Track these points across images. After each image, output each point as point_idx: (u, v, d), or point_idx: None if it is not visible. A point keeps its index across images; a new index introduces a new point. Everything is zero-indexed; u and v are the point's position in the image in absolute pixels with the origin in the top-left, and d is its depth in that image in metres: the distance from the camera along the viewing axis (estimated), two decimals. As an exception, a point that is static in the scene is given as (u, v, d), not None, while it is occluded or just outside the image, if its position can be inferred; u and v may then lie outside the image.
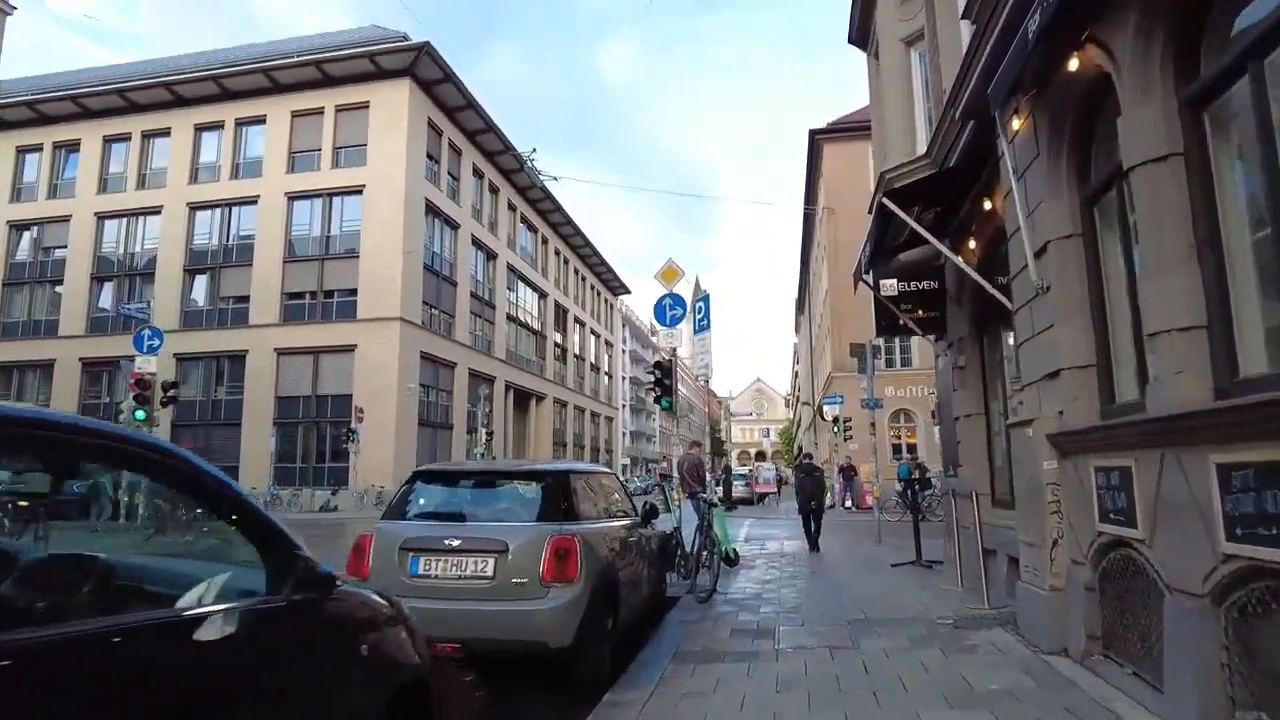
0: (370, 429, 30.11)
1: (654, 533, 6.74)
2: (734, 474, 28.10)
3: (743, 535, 16.16)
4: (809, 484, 13.63)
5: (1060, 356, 4.89)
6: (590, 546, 4.71)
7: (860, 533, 16.94)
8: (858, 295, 24.14)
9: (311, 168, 33.35)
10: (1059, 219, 4.99)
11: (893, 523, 19.88)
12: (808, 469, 14.37)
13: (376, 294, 31.25)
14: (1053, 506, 4.89)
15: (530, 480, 5.16)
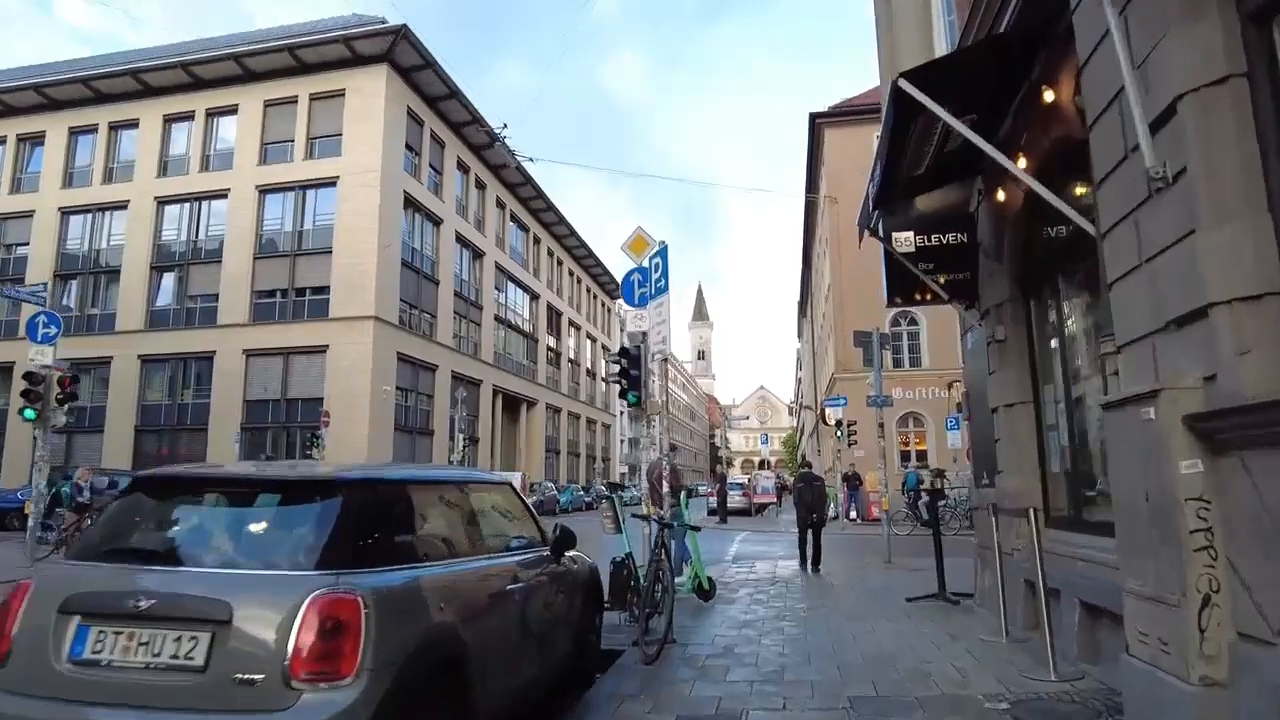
0: (341, 435, 28.14)
1: (571, 569, 4.71)
2: (729, 483, 25.99)
3: (731, 553, 14.13)
4: (809, 494, 11.78)
5: (1209, 281, 2.85)
6: (397, 612, 2.72)
7: (867, 550, 14.89)
8: (865, 273, 22.05)
9: (284, 159, 31.55)
10: (1199, 56, 2.98)
11: (903, 537, 17.88)
12: (807, 478, 12.51)
13: (350, 291, 29.35)
14: (1199, 540, 2.85)
15: (302, 494, 3.01)
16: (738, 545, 15.98)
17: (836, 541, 17.19)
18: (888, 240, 6.92)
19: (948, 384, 24.42)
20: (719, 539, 18.24)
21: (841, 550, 15.44)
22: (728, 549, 15.10)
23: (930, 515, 9.01)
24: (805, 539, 11.37)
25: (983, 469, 7.13)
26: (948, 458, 23.81)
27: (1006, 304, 6.21)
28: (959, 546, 16.45)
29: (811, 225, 35.34)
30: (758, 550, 14.97)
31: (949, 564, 8.40)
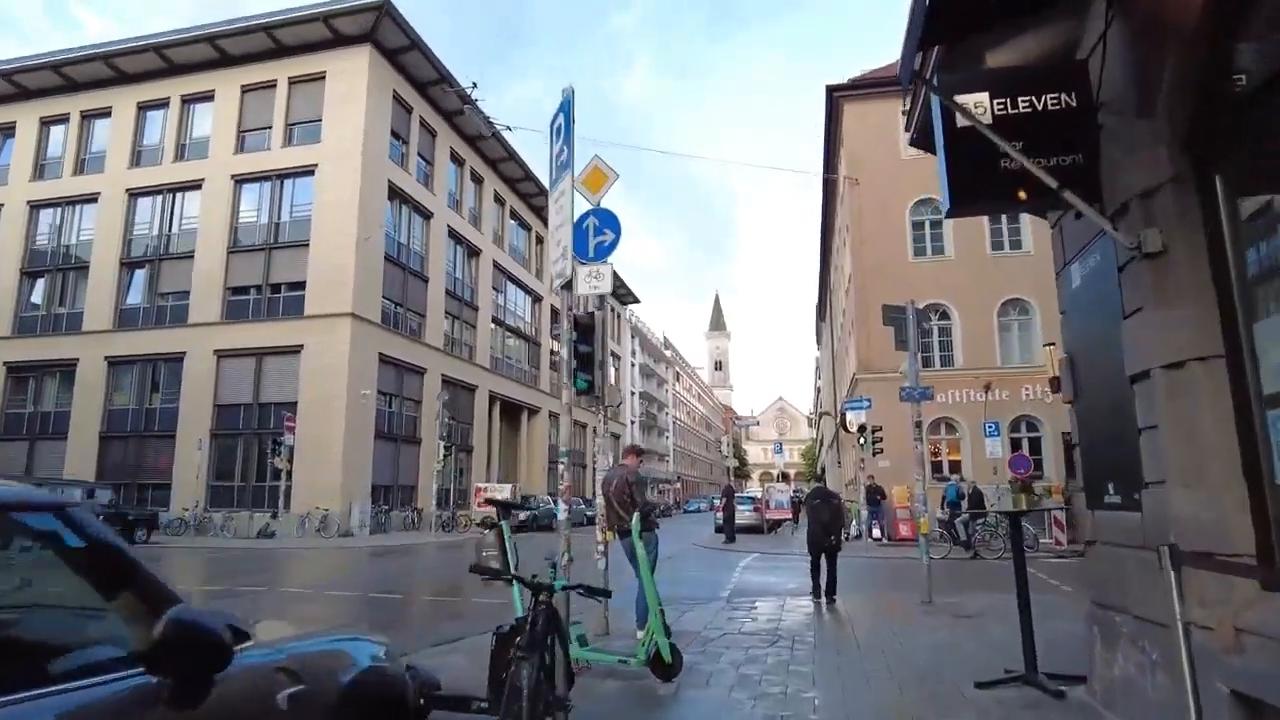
0: (314, 442, 25.85)
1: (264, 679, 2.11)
2: (739, 498, 23.21)
3: (729, 586, 11.43)
4: (826, 513, 9.69)
5: None
6: None
7: (898, 580, 12.16)
8: (888, 254, 19.44)
9: (262, 147, 29.45)
10: None
11: (937, 561, 15.10)
12: (823, 494, 10.20)
13: (326, 287, 27.08)
14: None
15: None
16: (740, 573, 13.26)
17: (860, 567, 14.43)
18: (945, 115, 4.26)
19: (984, 385, 21.58)
20: (721, 563, 15.53)
21: (866, 580, 12.70)
22: (727, 579, 12.41)
23: (1014, 539, 6.27)
24: (820, 565, 9.51)
25: (1103, 476, 4.42)
26: (985, 469, 20.94)
27: (1167, 189, 3.54)
28: (1003, 575, 13.70)
29: (830, 213, 32.59)
30: (764, 581, 12.24)
31: (1004, 606, 5.72)
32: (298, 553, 20.42)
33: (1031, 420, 21.67)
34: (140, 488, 27.74)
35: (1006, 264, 22.23)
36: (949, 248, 22.80)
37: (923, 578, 9.30)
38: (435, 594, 11.47)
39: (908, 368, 9.83)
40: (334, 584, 12.66)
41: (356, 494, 26.34)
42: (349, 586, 12.14)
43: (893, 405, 21.36)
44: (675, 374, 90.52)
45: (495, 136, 34.75)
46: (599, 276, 7.31)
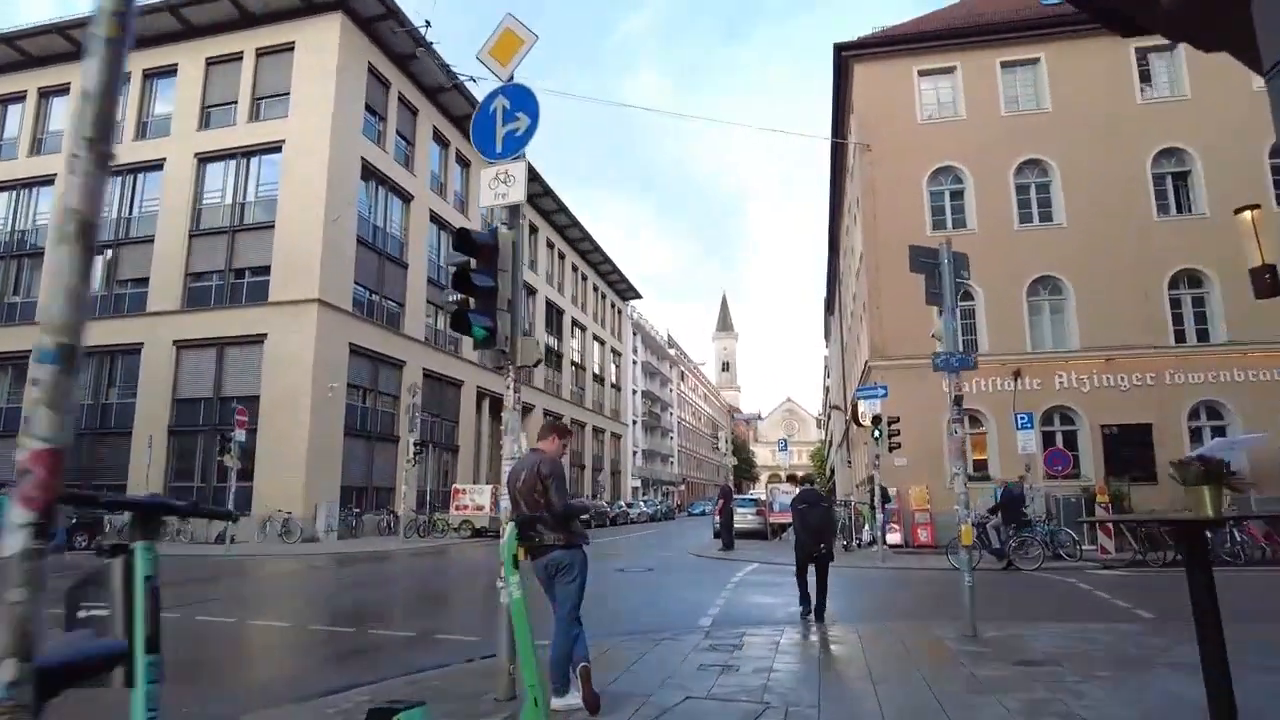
0: (277, 440, 23.79)
1: None
2: (738, 500, 20.89)
3: (714, 608, 9.18)
4: (814, 518, 8.59)
5: None
6: None
7: (924, 601, 9.91)
8: (905, 226, 17.11)
9: (227, 123, 27.39)
10: None
11: (952, 570, 12.85)
12: (810, 498, 8.81)
13: (292, 271, 24.99)
14: None
15: None
16: (732, 591, 10.97)
17: (875, 582, 12.15)
18: None
19: (1013, 371, 19.25)
20: (712, 576, 13.28)
21: (885, 599, 10.42)
22: (714, 598, 10.13)
23: (1192, 567, 3.99)
24: (807, 577, 8.57)
25: None
26: (1014, 466, 18.60)
27: None
28: (1051, 591, 11.37)
29: (838, 191, 30.28)
30: (760, 603, 9.96)
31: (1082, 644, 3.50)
32: (252, 561, 18.31)
33: (1066, 412, 19.31)
34: (94, 489, 25.63)
35: (1036, 238, 19.91)
36: (971, 220, 20.48)
37: (954, 596, 7.08)
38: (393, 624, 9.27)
39: (942, 327, 7.55)
40: (270, 604, 10.49)
41: (323, 496, 24.21)
42: (287, 609, 9.94)
43: (910, 394, 19.16)
44: (680, 373, 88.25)
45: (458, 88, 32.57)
46: (508, 180, 5.15)
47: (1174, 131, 19.66)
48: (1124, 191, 19.52)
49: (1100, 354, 18.89)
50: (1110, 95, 20.01)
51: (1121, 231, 19.25)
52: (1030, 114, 20.48)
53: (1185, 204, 19.85)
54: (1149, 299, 19.02)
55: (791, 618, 8.37)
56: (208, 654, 6.78)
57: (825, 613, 8.20)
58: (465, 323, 4.87)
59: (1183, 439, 18.27)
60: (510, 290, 5.09)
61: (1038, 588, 11.50)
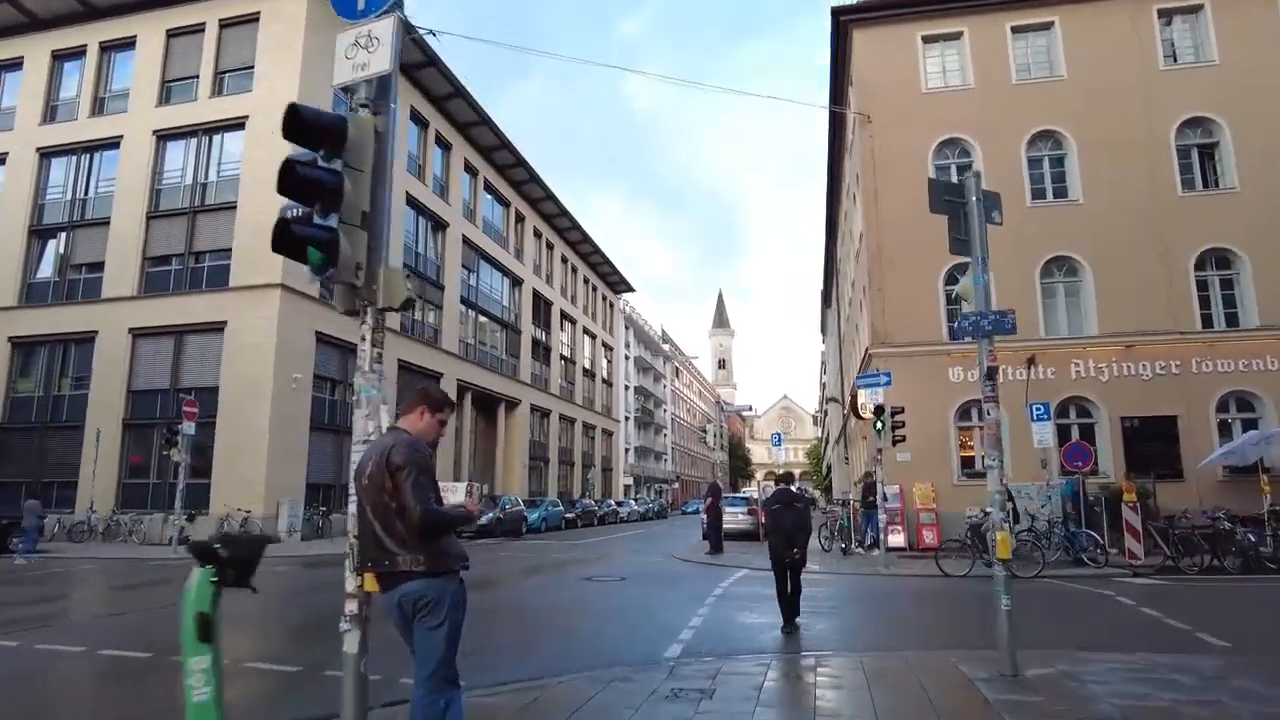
0: (237, 433, 22.29)
1: None
2: (729, 499, 19.29)
3: (689, 631, 7.63)
4: (788, 519, 8.03)
5: None
6: None
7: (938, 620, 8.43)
8: (910, 203, 15.75)
9: (188, 98, 25.79)
10: None
11: (958, 578, 11.55)
12: (785, 497, 8.19)
13: (254, 254, 23.33)
14: None
15: None
16: (713, 606, 9.39)
17: (875, 592, 10.66)
18: None
19: (1026, 359, 17.75)
20: (693, 585, 11.77)
21: (890, 614, 8.93)
22: (690, 615, 8.60)
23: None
24: (785, 585, 7.87)
25: None
26: (1027, 463, 17.12)
27: None
28: (1079, 605, 9.86)
29: (836, 172, 28.74)
30: (744, 621, 8.44)
31: None
32: None
33: (1083, 403, 17.81)
34: (45, 486, 24.07)
35: (1049, 215, 18.40)
36: (980, 196, 18.96)
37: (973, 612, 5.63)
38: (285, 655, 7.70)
39: (970, 283, 6.03)
40: (154, 626, 8.93)
41: (286, 494, 22.64)
42: (159, 636, 8.35)
43: (914, 384, 17.54)
44: (675, 369, 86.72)
45: (437, 66, 31.10)
46: (371, 45, 3.62)
47: (1200, 99, 18.16)
48: (1145, 165, 18.02)
49: (1120, 340, 17.39)
50: (1130, 61, 18.51)
51: (1143, 208, 17.74)
52: (1043, 82, 18.93)
53: (1212, 177, 18.35)
54: (1173, 280, 17.53)
55: (780, 642, 6.86)
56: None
57: (798, 617, 7.76)
58: (291, 240, 3.36)
59: (1210, 433, 16.80)
60: (369, 200, 3.57)
61: (1070, 601, 9.99)
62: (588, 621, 8.07)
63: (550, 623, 7.89)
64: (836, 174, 29.19)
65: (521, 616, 8.36)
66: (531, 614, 8.63)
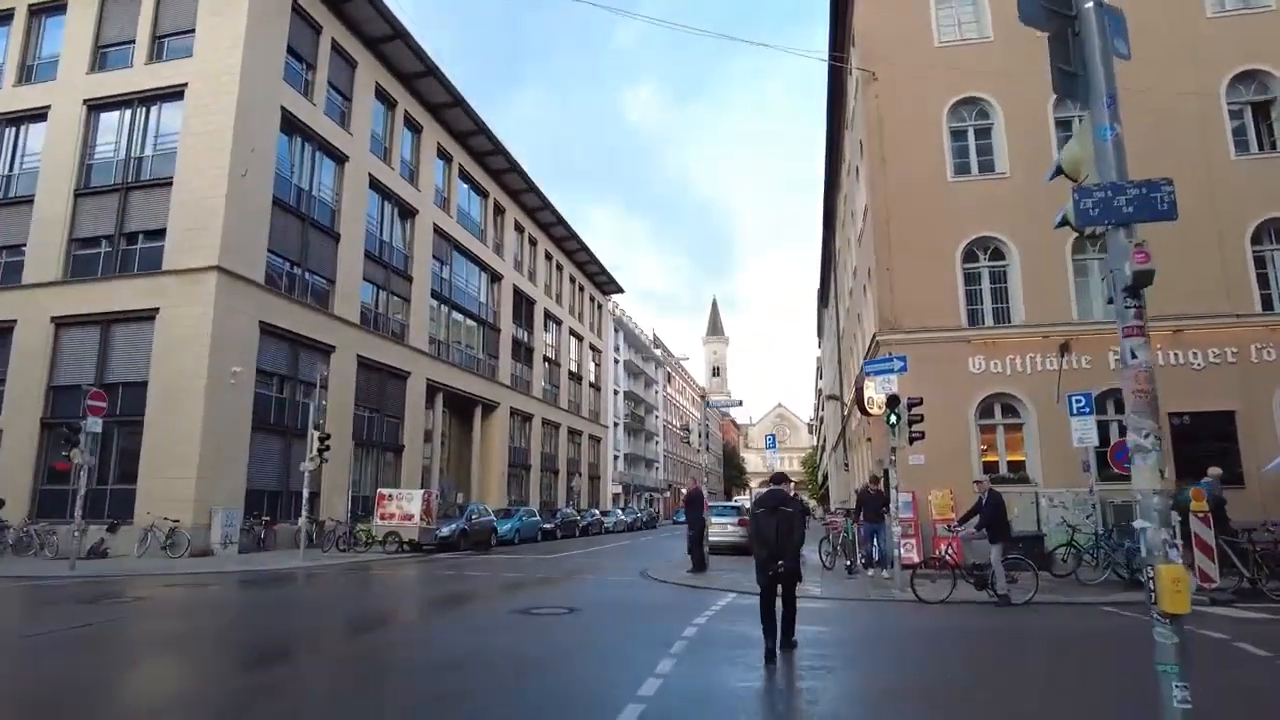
0: (165, 434, 19.84)
1: None
2: (715, 508, 16.76)
3: (644, 699, 5.11)
4: (772, 525, 6.86)
5: None
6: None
7: (1016, 700, 5.96)
8: (924, 166, 13.38)
9: (124, 65, 23.40)
10: None
11: (935, 605, 9.22)
12: (771, 500, 7.02)
13: (190, 235, 21.03)
14: None
15: None
16: (683, 654, 6.81)
17: (898, 634, 8.27)
18: None
19: (1059, 347, 15.41)
20: (664, 615, 9.33)
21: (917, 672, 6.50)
22: (652, 665, 6.14)
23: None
24: (773, 604, 6.88)
25: None
26: (1061, 466, 14.75)
27: None
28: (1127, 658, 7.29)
29: (836, 153, 26.44)
30: (725, 684, 5.97)
31: None
32: (91, 586, 14.31)
33: (1123, 397, 15.46)
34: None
35: (1083, 183, 16.11)
36: (1002, 162, 16.63)
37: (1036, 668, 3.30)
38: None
39: (1090, 140, 3.66)
40: None
41: (222, 501, 20.15)
42: None
43: (928, 377, 14.90)
44: (666, 375, 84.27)
45: (405, 41, 28.79)
46: None
47: (1254, 50, 15.90)
48: (1192, 125, 15.72)
49: (1167, 324, 15.05)
50: (1172, 8, 16.25)
51: (1190, 174, 15.40)
52: (1074, 32, 16.71)
53: (1269, 139, 16.08)
54: (1227, 256, 15.22)
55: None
56: None
57: (793, 643, 6.95)
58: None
59: (1275, 430, 14.44)
60: None
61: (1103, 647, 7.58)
62: (491, 687, 5.56)
63: (434, 689, 5.46)
64: (835, 156, 26.89)
65: (393, 677, 5.88)
66: (418, 672, 6.12)
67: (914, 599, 10.56)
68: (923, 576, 11.10)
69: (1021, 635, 8.23)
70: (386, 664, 6.51)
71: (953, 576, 10.73)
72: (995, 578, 10.33)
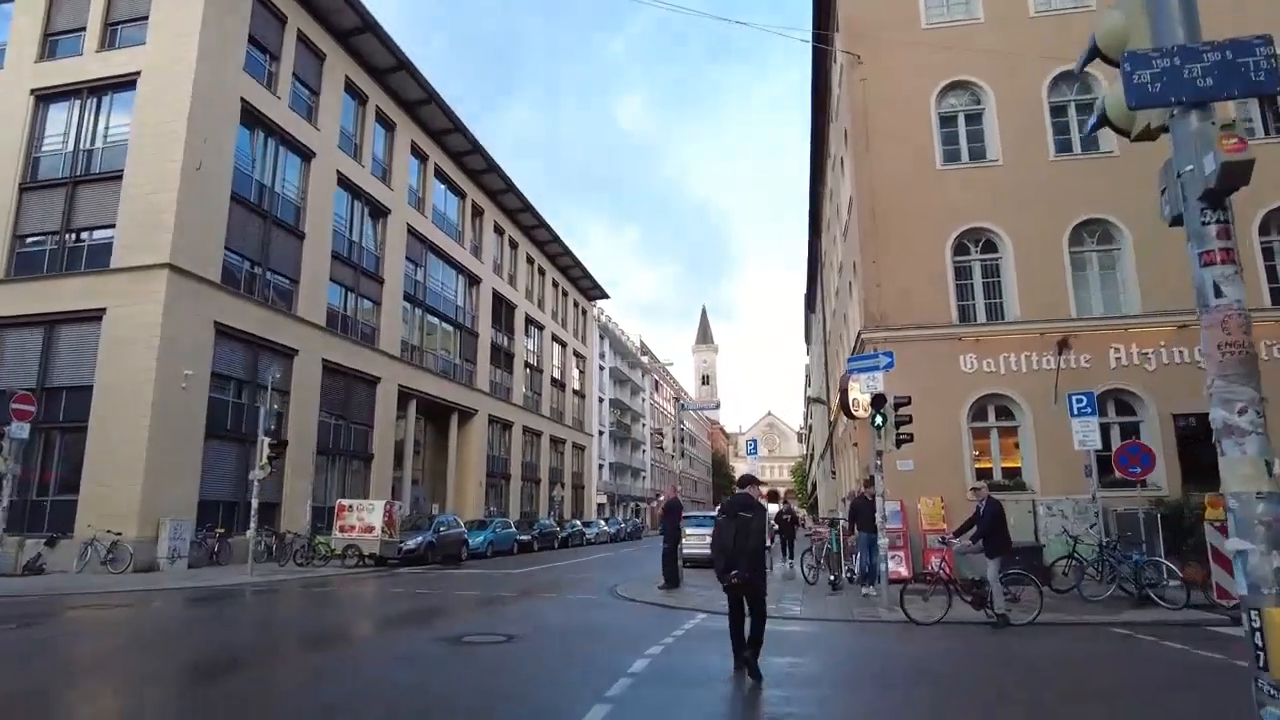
0: (110, 441, 18.64)
1: None
2: (690, 518, 15.49)
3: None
4: (729, 531, 6.35)
5: None
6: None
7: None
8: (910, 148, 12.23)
9: (74, 53, 22.28)
10: None
11: (925, 626, 8.24)
12: (734, 505, 6.48)
13: (140, 231, 19.91)
14: None
15: None
16: (627, 693, 5.80)
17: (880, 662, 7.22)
18: None
19: (1057, 343, 14.45)
20: (616, 648, 8.18)
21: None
22: (577, 717, 5.04)
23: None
24: (742, 622, 6.51)
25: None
26: (1059, 473, 13.76)
27: None
28: (1201, 680, 5.76)
29: (821, 148, 25.55)
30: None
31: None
32: (73, 599, 13.21)
33: (1125, 397, 14.49)
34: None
35: (1079, 170, 15.21)
36: (994, 149, 15.72)
37: None
38: None
39: (1142, 3, 2.63)
40: None
41: (171, 512, 18.93)
42: None
43: (916, 377, 14.04)
44: (654, 382, 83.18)
45: (376, 34, 27.80)
46: None
47: (1251, 20, 15.06)
48: (1194, 110, 14.85)
49: (1170, 320, 14.14)
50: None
51: (1193, 161, 14.54)
52: (1069, 13, 15.76)
53: (1275, 124, 15.22)
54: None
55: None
56: None
57: (758, 673, 6.25)
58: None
59: (1287, 432, 13.50)
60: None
61: (1199, 680, 6.54)
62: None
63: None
64: (821, 153, 26.00)
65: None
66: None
67: (904, 619, 9.51)
68: (914, 593, 10.07)
69: (1028, 666, 7.19)
70: (235, 708, 5.37)
71: (948, 593, 9.69)
72: (993, 595, 9.30)
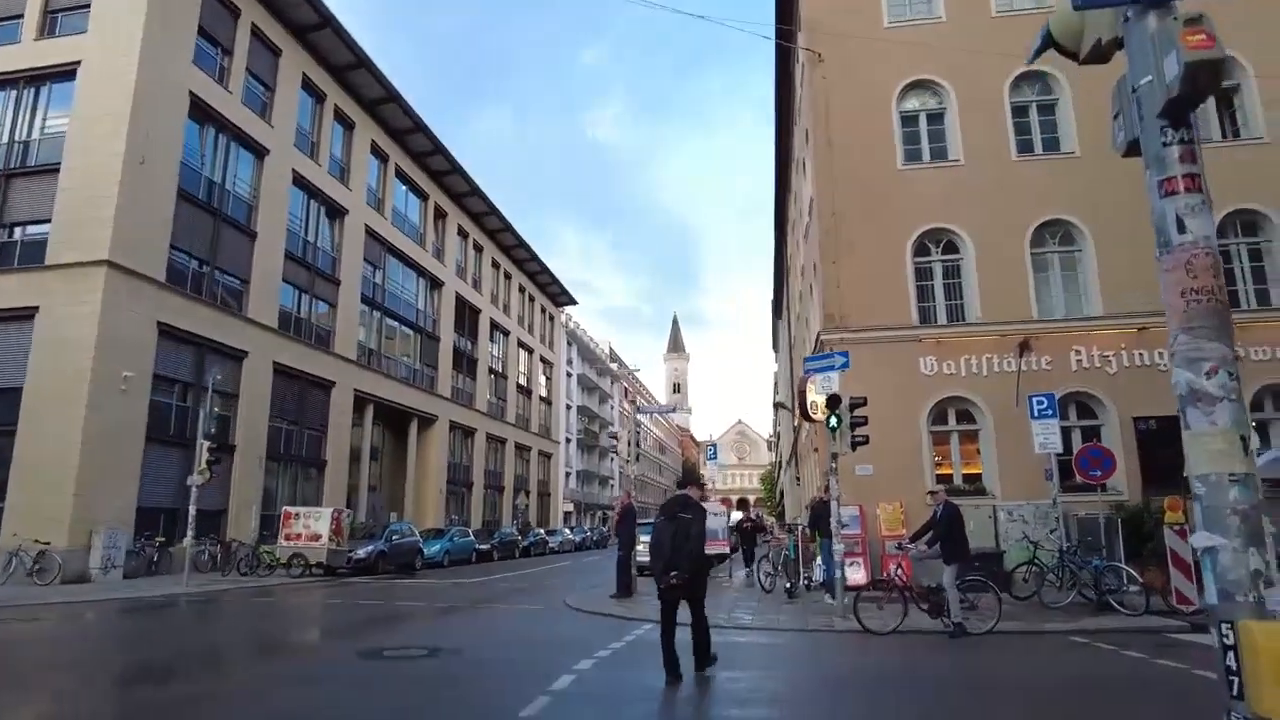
0: (39, 446, 17.72)
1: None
2: (644, 526, 14.98)
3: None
4: (667, 533, 6.26)
5: None
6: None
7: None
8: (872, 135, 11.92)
9: (10, 40, 21.37)
10: None
11: (883, 636, 7.88)
12: (672, 507, 6.34)
13: (77, 227, 19.08)
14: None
15: None
16: (547, 711, 5.32)
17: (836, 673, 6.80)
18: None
19: (1017, 345, 14.25)
20: (537, 667, 7.62)
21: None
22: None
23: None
24: (673, 628, 6.31)
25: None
26: (1019, 478, 13.53)
27: None
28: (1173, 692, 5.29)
29: (785, 151, 25.34)
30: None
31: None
32: None
33: (1086, 400, 14.33)
34: None
35: (1040, 171, 15.09)
36: (955, 149, 15.57)
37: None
38: None
39: None
40: None
41: (105, 520, 18.04)
42: None
43: (876, 380, 13.76)
44: (623, 390, 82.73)
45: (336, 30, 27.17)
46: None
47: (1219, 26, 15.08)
48: (1152, 112, 14.79)
49: (1131, 322, 14.02)
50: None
51: (1151, 163, 14.46)
52: (1031, 13, 15.62)
53: (1231, 127, 15.23)
54: (1191, 250, 14.25)
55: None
56: None
57: (706, 676, 6.27)
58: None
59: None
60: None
61: (1172, 693, 6.21)
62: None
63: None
64: (785, 157, 25.80)
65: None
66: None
67: (858, 629, 9.12)
68: (869, 600, 9.70)
69: (981, 681, 6.81)
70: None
71: (903, 601, 9.32)
72: (949, 603, 8.95)
